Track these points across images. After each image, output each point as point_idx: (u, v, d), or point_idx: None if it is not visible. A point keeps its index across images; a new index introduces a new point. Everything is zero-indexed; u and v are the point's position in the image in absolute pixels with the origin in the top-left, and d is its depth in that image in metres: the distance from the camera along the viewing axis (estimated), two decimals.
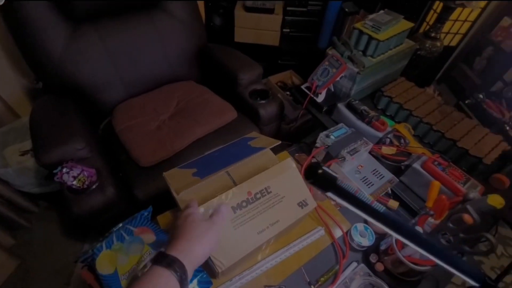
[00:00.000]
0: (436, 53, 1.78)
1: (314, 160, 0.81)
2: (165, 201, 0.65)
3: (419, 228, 0.55)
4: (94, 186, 0.89)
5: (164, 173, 0.64)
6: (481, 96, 1.78)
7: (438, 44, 1.73)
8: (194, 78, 1.39)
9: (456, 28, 1.92)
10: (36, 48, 1.00)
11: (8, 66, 1.24)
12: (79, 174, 0.87)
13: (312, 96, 0.99)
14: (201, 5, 1.68)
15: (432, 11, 1.83)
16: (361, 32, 0.96)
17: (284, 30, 1.64)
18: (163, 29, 1.22)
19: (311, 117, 1.19)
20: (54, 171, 0.85)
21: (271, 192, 0.59)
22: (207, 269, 0.56)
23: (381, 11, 1.00)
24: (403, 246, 0.57)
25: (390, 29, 0.95)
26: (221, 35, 1.74)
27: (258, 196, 0.58)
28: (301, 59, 1.76)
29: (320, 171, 0.38)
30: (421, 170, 0.75)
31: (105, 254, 0.53)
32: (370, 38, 0.93)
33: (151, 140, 1.04)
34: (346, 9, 1.48)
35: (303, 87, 1.03)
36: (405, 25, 0.98)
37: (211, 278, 0.57)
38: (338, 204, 0.75)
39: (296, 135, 1.44)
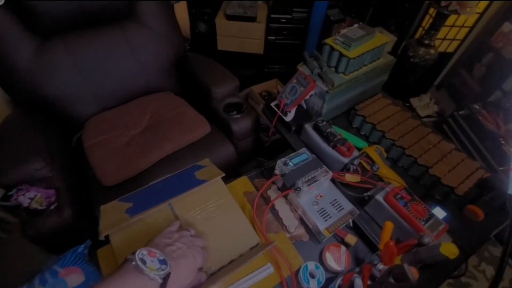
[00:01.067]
0: (430, 60, 1.70)
1: (274, 186, 0.77)
2: None
3: (358, 280, 0.51)
4: (52, 207, 0.88)
5: (101, 206, 0.61)
6: (477, 106, 1.69)
7: (432, 51, 1.65)
8: (172, 89, 1.36)
9: (452, 34, 1.83)
10: (1, 62, 0.98)
11: None
12: (35, 196, 0.85)
13: (281, 114, 0.94)
14: (185, 11, 1.64)
15: (428, 16, 1.74)
16: (332, 48, 0.90)
17: (269, 37, 1.59)
18: (136, 40, 1.19)
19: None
20: (9, 193, 0.83)
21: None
22: None
23: (355, 25, 0.94)
24: None
25: (362, 45, 0.89)
26: (206, 42, 1.70)
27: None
28: (288, 67, 1.71)
29: None
30: (383, 202, 0.69)
31: None
32: (341, 54, 0.88)
33: (116, 158, 1.01)
34: (331, 17, 1.42)
35: (272, 104, 0.98)
36: (381, 39, 0.92)
37: None
38: (293, 237, 0.71)
39: (272, 150, 1.40)
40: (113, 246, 0.53)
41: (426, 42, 1.63)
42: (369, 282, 0.53)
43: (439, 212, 0.72)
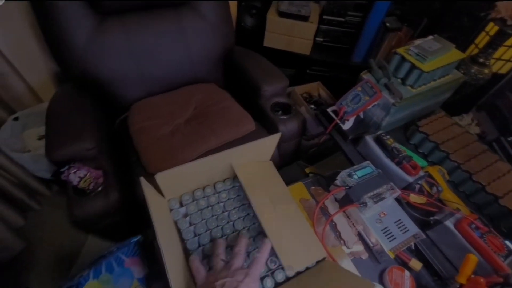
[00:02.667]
0: (482, 80, 1.61)
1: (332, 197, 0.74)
2: None
3: None
4: (99, 189, 0.87)
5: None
6: None
7: (486, 71, 1.56)
8: (216, 81, 1.34)
9: (509, 55, 1.73)
10: (60, 37, 0.98)
11: (36, 49, 1.24)
12: (85, 175, 0.84)
13: (338, 122, 0.90)
14: (233, 3, 1.61)
15: (483, 33, 1.65)
16: (403, 59, 0.85)
17: (317, 39, 1.54)
18: (189, 29, 1.17)
19: (331, 139, 1.11)
20: (61, 170, 0.83)
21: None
22: None
23: (430, 37, 0.88)
24: None
25: (437, 59, 0.84)
26: (251, 37, 1.67)
27: None
28: (332, 71, 1.66)
29: None
30: (454, 230, 0.65)
31: (91, 284, 0.49)
32: (413, 67, 0.83)
33: (162, 146, 1.00)
34: (388, 24, 1.36)
35: (329, 110, 0.94)
36: (456, 55, 0.87)
37: None
38: (352, 253, 0.67)
39: (315, 155, 1.36)
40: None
41: (481, 60, 1.54)
42: None
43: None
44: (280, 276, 0.53)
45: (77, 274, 0.50)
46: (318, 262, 0.58)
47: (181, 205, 0.62)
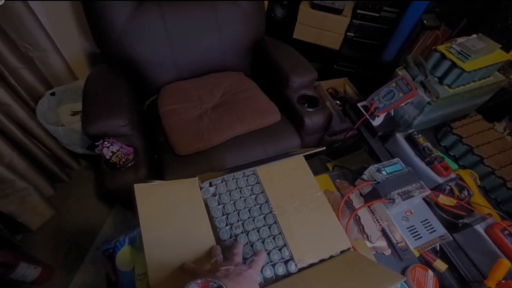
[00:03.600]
0: None
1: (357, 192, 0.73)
2: None
3: None
4: (129, 165, 0.91)
5: (198, 176, 0.62)
6: None
7: None
8: (244, 70, 1.35)
9: None
10: (101, 18, 1.02)
11: (74, 28, 1.29)
12: (117, 150, 0.88)
13: (368, 117, 0.89)
14: None
15: None
16: (443, 56, 0.83)
17: (348, 33, 1.51)
18: (223, 17, 1.18)
19: (357, 134, 1.10)
20: (96, 143, 0.87)
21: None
22: None
23: (474, 36, 0.85)
24: None
25: (480, 59, 0.80)
26: (280, 28, 1.65)
27: None
28: (360, 68, 1.62)
29: None
30: (485, 235, 0.63)
31: (126, 250, 0.52)
32: (453, 65, 0.80)
33: (190, 129, 1.03)
34: (425, 22, 1.31)
35: (359, 105, 0.93)
36: (501, 56, 0.83)
37: None
38: (375, 248, 0.67)
39: (337, 151, 1.35)
40: None
41: None
42: None
43: None
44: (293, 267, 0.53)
45: (114, 238, 0.53)
46: (342, 252, 0.58)
47: (211, 184, 0.64)
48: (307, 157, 1.27)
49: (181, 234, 0.52)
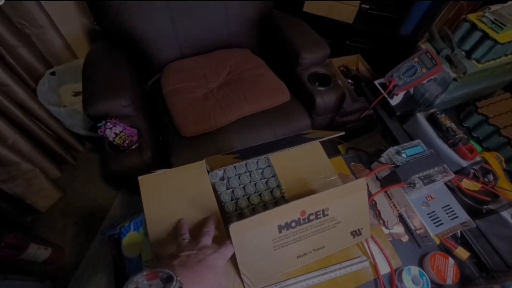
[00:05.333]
0: None
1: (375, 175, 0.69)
2: None
3: None
4: (133, 147, 0.88)
5: (204, 158, 0.58)
6: None
7: None
8: (251, 46, 1.27)
9: None
10: None
11: (73, 4, 1.22)
12: (120, 132, 0.85)
13: (386, 96, 0.83)
14: None
15: None
16: (473, 27, 0.74)
17: (363, 5, 1.40)
18: None
19: (370, 115, 1.04)
20: (98, 124, 0.83)
21: (327, 215, 0.51)
22: None
23: (511, 2, 0.76)
24: None
25: None
26: (289, 1, 1.54)
27: (311, 217, 0.49)
28: (375, 44, 1.52)
29: None
30: (511, 222, 0.59)
31: (131, 235, 0.50)
32: (485, 36, 0.72)
33: (195, 110, 0.98)
34: None
35: (376, 82, 0.86)
36: None
37: None
38: (391, 234, 0.64)
39: (348, 132, 1.29)
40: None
41: None
42: None
43: None
44: None
45: (119, 224, 0.50)
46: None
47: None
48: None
49: (188, 222, 0.49)
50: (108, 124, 0.83)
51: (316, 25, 1.27)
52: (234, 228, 0.43)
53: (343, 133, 0.56)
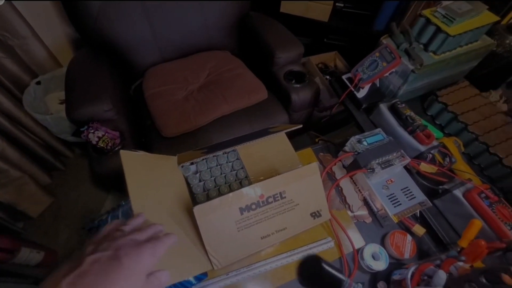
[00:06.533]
0: None
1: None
2: None
3: (441, 272, 0.48)
4: (116, 149, 0.92)
5: (177, 154, 0.62)
6: None
7: None
8: (230, 48, 1.32)
9: None
10: (77, 3, 0.99)
11: (54, 14, 1.25)
12: (103, 135, 0.89)
13: (353, 89, 0.88)
14: None
15: None
16: (428, 21, 0.80)
17: (337, 4, 1.46)
18: None
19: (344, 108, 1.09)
20: (81, 129, 0.87)
21: (285, 197, 0.55)
22: None
23: None
24: (421, 283, 0.51)
25: (466, 21, 0.78)
26: (268, 2, 1.59)
27: (270, 200, 0.54)
28: (351, 41, 1.58)
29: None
30: (462, 199, 0.65)
31: None
32: (438, 30, 0.78)
33: (176, 111, 1.02)
34: None
35: (344, 77, 0.92)
36: (488, 18, 0.80)
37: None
38: (356, 217, 0.69)
39: (326, 126, 1.34)
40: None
41: None
42: None
43: None
44: None
45: (98, 218, 0.55)
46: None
47: (192, 163, 0.64)
48: (296, 134, 1.27)
49: (163, 210, 0.53)
50: (91, 128, 0.87)
51: (293, 25, 1.32)
52: (198, 210, 0.47)
53: (300, 125, 0.61)
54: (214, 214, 0.50)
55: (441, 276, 0.47)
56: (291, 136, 1.18)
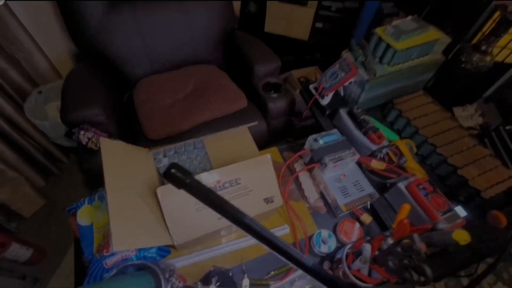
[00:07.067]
0: (484, 68, 1.60)
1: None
2: None
3: (367, 245, 0.55)
4: None
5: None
6: None
7: (488, 59, 1.55)
8: (216, 63, 1.44)
9: None
10: (76, 17, 1.12)
11: (58, 30, 1.39)
12: (92, 136, 0.98)
13: (317, 97, 0.98)
14: None
15: (491, 21, 1.63)
16: (380, 38, 0.91)
17: (316, 24, 1.60)
18: (193, 12, 1.27)
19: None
20: (73, 130, 0.97)
21: (240, 183, 0.63)
22: None
23: (409, 17, 0.93)
24: (354, 259, 0.58)
25: (412, 38, 0.89)
26: (254, 23, 1.74)
27: (226, 185, 0.62)
28: (330, 56, 1.71)
29: (172, 170, 0.36)
30: (404, 190, 0.72)
31: (85, 208, 0.62)
32: (388, 45, 0.89)
33: (162, 116, 1.12)
34: (384, 10, 1.39)
35: (311, 87, 1.02)
36: (433, 35, 0.91)
37: (170, 248, 0.64)
38: (312, 207, 0.76)
39: (303, 133, 1.43)
40: None
41: (483, 48, 1.54)
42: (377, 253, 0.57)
43: (460, 211, 0.73)
44: None
45: (77, 201, 0.63)
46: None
47: (165, 155, 0.73)
48: (274, 140, 1.36)
49: (134, 193, 0.61)
50: (81, 130, 0.97)
51: (277, 44, 1.45)
52: (161, 190, 0.56)
53: (256, 122, 0.71)
54: (175, 195, 0.58)
55: (367, 248, 0.55)
56: (270, 142, 1.27)
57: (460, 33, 1.72)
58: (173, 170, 0.35)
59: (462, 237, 0.52)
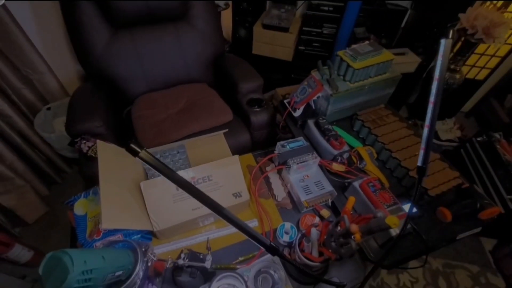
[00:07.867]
0: (454, 85, 1.75)
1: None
2: None
3: (314, 230, 0.66)
4: None
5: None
6: (497, 135, 1.69)
7: (457, 76, 1.71)
8: (207, 81, 1.60)
9: (483, 62, 1.86)
10: (84, 44, 1.29)
11: (67, 53, 1.57)
12: (92, 145, 1.11)
13: (290, 110, 1.11)
14: (229, 18, 1.90)
15: (460, 42, 1.80)
16: (342, 59, 1.05)
17: (299, 47, 1.77)
18: (185, 38, 1.45)
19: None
20: (75, 140, 1.10)
21: (212, 180, 0.75)
22: None
23: (366, 42, 1.08)
24: (305, 245, 0.68)
25: (368, 59, 1.03)
26: (244, 46, 1.93)
27: (200, 181, 0.74)
28: None
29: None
30: (358, 188, 0.83)
31: (81, 201, 0.74)
32: (348, 65, 1.03)
33: (155, 128, 1.26)
34: (357, 35, 1.56)
35: (285, 101, 1.16)
36: (387, 56, 1.05)
37: (152, 236, 0.74)
38: (280, 204, 0.87)
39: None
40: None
41: (452, 67, 1.69)
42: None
43: (408, 207, 0.83)
44: None
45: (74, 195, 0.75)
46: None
47: None
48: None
49: (123, 186, 0.73)
50: (83, 139, 1.11)
51: (265, 64, 1.62)
52: (144, 184, 0.67)
53: (226, 130, 0.83)
54: (156, 188, 0.69)
55: (314, 232, 0.65)
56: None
57: (432, 54, 1.88)
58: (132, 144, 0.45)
59: (392, 221, 0.62)
